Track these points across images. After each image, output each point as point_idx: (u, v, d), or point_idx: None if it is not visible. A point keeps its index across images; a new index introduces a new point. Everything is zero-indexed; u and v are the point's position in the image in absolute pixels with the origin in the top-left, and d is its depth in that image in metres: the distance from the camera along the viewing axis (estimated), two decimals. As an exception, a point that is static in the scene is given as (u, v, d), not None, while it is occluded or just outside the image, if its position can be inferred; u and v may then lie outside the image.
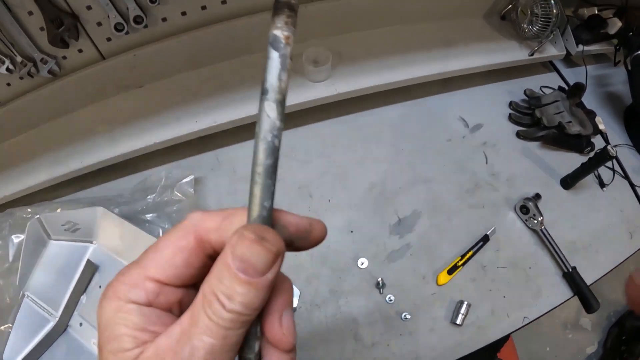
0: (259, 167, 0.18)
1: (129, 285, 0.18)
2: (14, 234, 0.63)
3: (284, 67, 0.18)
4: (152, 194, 0.63)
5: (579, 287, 0.64)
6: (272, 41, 0.18)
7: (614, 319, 1.33)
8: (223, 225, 0.19)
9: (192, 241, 0.19)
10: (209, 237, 0.19)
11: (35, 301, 0.58)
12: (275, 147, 0.18)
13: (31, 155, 0.69)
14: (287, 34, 0.18)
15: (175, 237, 0.19)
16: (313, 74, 0.70)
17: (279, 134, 0.18)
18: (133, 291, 0.18)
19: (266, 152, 0.18)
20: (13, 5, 0.56)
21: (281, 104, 0.18)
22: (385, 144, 0.76)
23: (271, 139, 0.18)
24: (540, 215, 0.67)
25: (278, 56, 0.18)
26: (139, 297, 0.18)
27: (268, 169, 0.18)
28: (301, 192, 0.69)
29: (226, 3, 0.67)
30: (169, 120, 0.68)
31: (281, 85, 0.18)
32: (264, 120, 0.18)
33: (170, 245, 0.19)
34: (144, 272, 0.18)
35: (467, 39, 0.81)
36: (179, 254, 0.19)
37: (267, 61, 0.18)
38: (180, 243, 0.19)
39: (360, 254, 0.64)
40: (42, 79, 0.67)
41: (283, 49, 0.18)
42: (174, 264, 0.19)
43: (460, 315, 0.60)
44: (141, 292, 0.18)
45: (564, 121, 0.76)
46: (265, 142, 0.18)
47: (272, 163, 0.18)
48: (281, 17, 0.18)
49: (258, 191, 0.18)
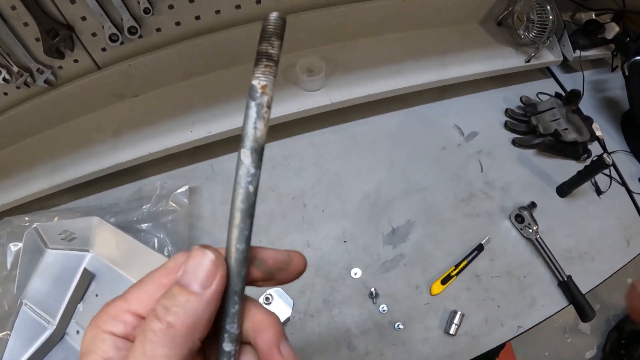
0: (235, 211, 0.19)
1: (110, 315, 0.19)
2: (11, 242, 0.64)
3: (259, 116, 0.19)
4: (147, 204, 0.64)
5: (574, 296, 0.64)
6: (250, 90, 0.19)
7: (613, 322, 1.32)
8: None
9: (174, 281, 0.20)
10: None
11: (32, 309, 0.59)
12: (249, 192, 0.19)
13: (28, 164, 0.70)
14: (263, 83, 0.19)
15: (158, 275, 0.20)
16: (307, 83, 0.70)
17: (254, 179, 0.19)
18: (112, 322, 0.19)
19: (241, 197, 0.19)
20: (9, 17, 0.56)
21: (256, 151, 0.19)
22: (380, 153, 0.76)
23: (245, 184, 0.19)
24: (536, 224, 0.67)
25: (254, 105, 0.19)
26: (117, 328, 0.19)
27: (244, 212, 0.19)
28: (295, 201, 0.70)
29: (220, 13, 0.68)
30: (164, 130, 0.68)
31: (256, 134, 0.19)
32: (240, 166, 0.19)
33: (154, 282, 0.20)
34: (126, 305, 0.19)
35: (463, 46, 0.81)
36: (160, 290, 0.20)
37: (245, 110, 0.19)
38: (162, 280, 0.20)
39: (353, 264, 0.64)
40: (39, 89, 0.67)
41: (259, 97, 0.19)
42: (154, 300, 0.19)
43: (453, 325, 0.60)
44: (119, 324, 0.19)
45: (560, 128, 0.75)
46: (240, 188, 0.19)
47: (246, 207, 0.19)
48: (259, 67, 0.19)
49: (234, 234, 0.19)
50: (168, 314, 0.18)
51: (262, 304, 0.60)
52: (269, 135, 0.20)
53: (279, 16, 0.19)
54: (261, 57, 0.19)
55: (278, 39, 0.19)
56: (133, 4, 0.61)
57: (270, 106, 0.19)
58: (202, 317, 0.18)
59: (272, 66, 0.19)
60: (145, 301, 0.19)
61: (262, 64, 0.19)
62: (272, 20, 0.19)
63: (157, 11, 0.63)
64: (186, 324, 0.18)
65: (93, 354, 0.18)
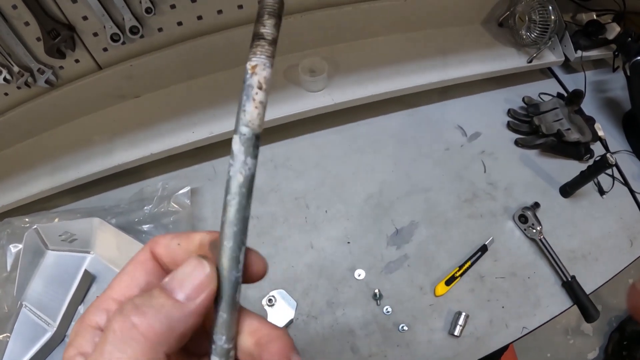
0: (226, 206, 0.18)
1: (94, 307, 0.19)
2: (11, 244, 0.63)
3: (248, 97, 0.17)
4: (148, 205, 0.64)
5: (578, 297, 0.64)
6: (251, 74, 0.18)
7: (615, 324, 1.32)
8: (171, 242, 0.20)
9: (148, 254, 0.20)
10: (158, 251, 0.20)
11: (33, 311, 0.58)
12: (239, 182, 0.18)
13: (28, 165, 0.69)
14: (253, 63, 0.18)
15: (136, 255, 0.20)
16: (309, 84, 0.69)
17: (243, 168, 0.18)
18: (95, 312, 0.18)
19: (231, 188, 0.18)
20: (9, 16, 0.56)
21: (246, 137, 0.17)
22: (383, 153, 0.75)
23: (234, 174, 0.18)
24: (539, 225, 0.67)
25: (244, 87, 0.18)
26: (100, 318, 0.18)
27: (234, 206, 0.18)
28: (298, 202, 0.69)
29: (222, 13, 0.67)
30: (166, 131, 0.68)
31: (245, 117, 0.17)
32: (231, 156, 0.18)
33: (132, 262, 0.20)
34: (110, 292, 0.19)
35: (465, 46, 0.81)
36: (139, 267, 0.19)
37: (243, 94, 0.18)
38: (139, 258, 0.20)
39: (357, 265, 0.64)
40: (40, 89, 0.67)
41: (248, 79, 0.18)
42: (134, 277, 0.19)
43: (458, 326, 0.59)
44: (102, 313, 0.18)
45: (563, 128, 0.75)
46: (230, 178, 0.18)
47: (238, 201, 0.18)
48: (251, 48, 0.18)
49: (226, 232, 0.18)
50: (135, 312, 0.16)
51: (265, 305, 0.59)
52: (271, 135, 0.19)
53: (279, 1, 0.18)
54: (253, 37, 0.18)
55: (271, 17, 0.18)
56: (135, 3, 0.61)
57: (262, 87, 0.17)
58: (174, 328, 0.16)
59: (265, 45, 0.18)
60: (126, 281, 0.19)
61: (254, 44, 0.18)
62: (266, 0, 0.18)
63: (159, 11, 0.63)
64: (153, 328, 0.16)
65: (71, 348, 0.18)
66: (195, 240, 0.20)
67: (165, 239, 0.20)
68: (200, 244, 0.20)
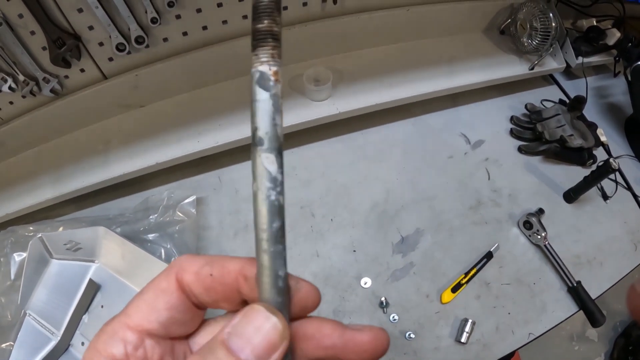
0: (265, 233, 0.16)
1: (108, 334, 0.17)
2: (15, 252, 0.63)
3: (277, 109, 0.15)
4: (154, 214, 0.63)
5: (584, 302, 0.64)
6: (259, 80, 0.15)
7: (620, 329, 1.31)
8: (202, 270, 0.18)
9: (174, 283, 0.18)
10: (187, 280, 0.18)
11: (37, 320, 0.58)
12: (280, 205, 0.16)
13: (33, 174, 0.70)
14: (275, 68, 0.15)
15: (158, 280, 0.18)
16: (314, 93, 0.70)
17: (282, 188, 0.16)
18: (110, 341, 0.17)
19: (271, 213, 0.16)
20: (15, 25, 0.56)
21: (280, 153, 0.15)
22: (387, 162, 0.76)
23: (275, 197, 0.16)
24: (544, 231, 0.67)
25: (269, 97, 0.15)
26: (117, 349, 0.17)
27: (276, 233, 0.16)
28: (303, 211, 0.69)
29: (227, 23, 0.68)
30: (171, 140, 0.68)
31: (277, 131, 0.15)
32: (263, 176, 0.15)
33: (152, 287, 0.18)
34: (126, 319, 0.17)
35: (467, 55, 0.81)
36: (161, 296, 0.17)
37: (255, 104, 0.15)
38: (161, 285, 0.18)
39: (363, 274, 0.64)
40: (45, 98, 0.67)
41: (273, 87, 0.15)
42: (156, 308, 0.17)
43: (464, 333, 0.59)
44: (119, 343, 0.17)
45: (566, 134, 0.75)
46: (268, 202, 0.15)
47: (280, 225, 0.16)
48: (266, 49, 0.15)
49: (268, 260, 0.16)
50: None
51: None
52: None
53: None
54: (266, 35, 0.15)
55: (279, 13, 0.16)
56: (140, 13, 0.61)
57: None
58: None
59: (279, 47, 0.15)
60: (145, 311, 0.17)
61: (269, 45, 0.15)
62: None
63: (165, 21, 0.63)
64: None
65: None
66: (231, 271, 0.18)
67: (193, 266, 0.18)
68: (240, 276, 0.17)
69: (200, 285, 0.18)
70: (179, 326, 0.18)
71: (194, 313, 0.18)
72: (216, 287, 0.18)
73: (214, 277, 0.17)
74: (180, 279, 0.18)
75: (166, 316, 0.17)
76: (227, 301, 0.18)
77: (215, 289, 0.18)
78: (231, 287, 0.18)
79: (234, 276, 0.17)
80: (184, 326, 0.18)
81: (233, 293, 0.18)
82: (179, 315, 0.18)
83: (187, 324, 0.18)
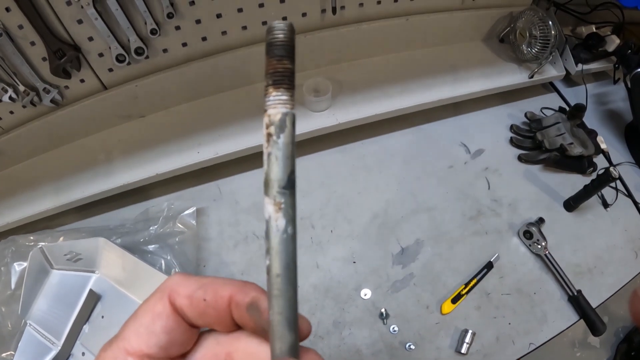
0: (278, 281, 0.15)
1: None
2: (16, 262, 0.63)
3: (293, 154, 0.15)
4: (154, 225, 0.64)
5: (585, 311, 0.64)
6: (277, 126, 0.15)
7: (622, 335, 1.30)
8: (195, 295, 0.18)
9: (168, 307, 0.18)
10: (180, 304, 0.18)
11: (37, 330, 0.58)
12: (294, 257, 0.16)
13: (33, 183, 0.70)
14: (293, 111, 0.15)
15: (152, 303, 0.18)
16: (313, 104, 0.70)
17: (295, 232, 0.16)
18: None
19: (283, 261, 0.16)
20: (16, 36, 0.57)
21: (293, 197, 0.15)
22: (387, 172, 0.76)
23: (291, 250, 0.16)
24: (544, 240, 0.67)
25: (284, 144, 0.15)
26: None
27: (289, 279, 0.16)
28: (303, 223, 0.69)
29: (226, 34, 0.68)
30: (171, 151, 0.68)
31: (292, 178, 0.15)
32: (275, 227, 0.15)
33: (148, 311, 0.18)
34: (124, 344, 0.17)
35: (467, 63, 0.81)
36: (157, 320, 0.18)
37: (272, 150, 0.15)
38: (157, 309, 0.18)
39: (363, 285, 0.64)
40: (45, 108, 0.67)
41: (288, 134, 0.15)
42: (153, 332, 0.18)
43: (465, 344, 0.59)
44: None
45: (566, 143, 0.75)
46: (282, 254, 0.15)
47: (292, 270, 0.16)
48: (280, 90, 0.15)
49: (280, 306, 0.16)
50: None
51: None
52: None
53: (289, 24, 0.15)
54: (283, 77, 0.15)
55: (293, 52, 0.15)
56: (140, 25, 0.61)
57: None
58: None
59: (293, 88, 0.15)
60: (144, 335, 0.17)
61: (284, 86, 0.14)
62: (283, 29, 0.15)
63: (164, 32, 0.64)
64: None
65: None
66: (224, 296, 0.18)
67: (186, 289, 0.18)
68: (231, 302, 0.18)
69: (194, 310, 0.18)
70: (178, 347, 0.19)
71: (191, 332, 0.19)
72: (209, 312, 0.18)
73: (207, 302, 0.18)
74: (174, 302, 0.18)
75: (165, 340, 0.18)
76: (220, 325, 0.19)
77: (208, 314, 0.18)
78: (224, 312, 0.18)
79: (226, 301, 0.18)
80: (182, 346, 0.19)
81: (226, 317, 0.18)
82: (177, 338, 0.18)
83: (184, 344, 0.19)
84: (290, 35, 0.15)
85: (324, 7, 0.71)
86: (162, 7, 0.60)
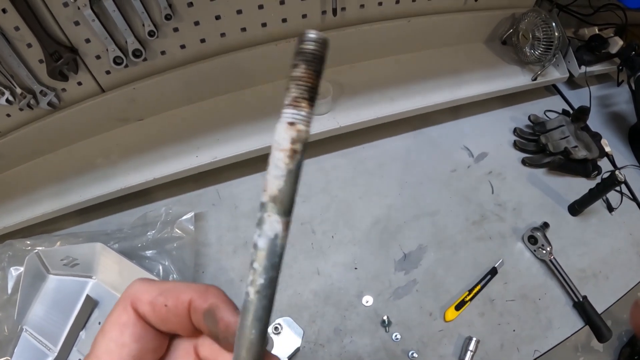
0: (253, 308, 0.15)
1: None
2: (12, 266, 0.63)
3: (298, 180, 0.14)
4: (151, 230, 0.63)
5: (590, 317, 0.63)
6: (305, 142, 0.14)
7: (625, 338, 1.29)
8: (157, 301, 0.18)
9: (132, 315, 0.18)
10: (143, 311, 0.18)
11: (33, 335, 0.58)
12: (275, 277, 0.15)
13: (30, 187, 0.69)
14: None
15: (117, 314, 0.18)
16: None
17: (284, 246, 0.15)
18: None
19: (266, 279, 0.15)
20: (12, 38, 0.56)
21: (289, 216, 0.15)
22: (389, 177, 0.75)
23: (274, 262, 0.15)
24: (549, 245, 0.66)
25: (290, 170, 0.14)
26: None
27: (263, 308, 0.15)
28: (304, 228, 0.68)
29: (225, 36, 0.67)
30: (169, 155, 0.67)
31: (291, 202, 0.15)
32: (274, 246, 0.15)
33: (114, 324, 0.18)
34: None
35: (469, 66, 0.81)
36: (125, 331, 0.18)
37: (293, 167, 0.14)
38: (122, 319, 0.18)
39: (365, 291, 0.63)
40: (42, 111, 0.66)
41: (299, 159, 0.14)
42: (124, 344, 0.17)
43: (468, 352, 0.58)
44: None
45: (570, 146, 0.74)
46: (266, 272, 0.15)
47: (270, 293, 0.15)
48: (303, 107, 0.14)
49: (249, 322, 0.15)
50: None
51: (271, 334, 0.58)
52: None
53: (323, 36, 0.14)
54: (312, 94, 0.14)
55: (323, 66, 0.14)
56: (138, 27, 0.61)
57: None
58: None
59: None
60: (115, 349, 0.17)
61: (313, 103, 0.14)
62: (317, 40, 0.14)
63: (162, 34, 0.63)
64: None
65: None
66: (184, 301, 0.18)
67: (147, 295, 0.18)
68: (190, 308, 0.18)
69: (156, 316, 0.18)
70: (151, 353, 0.18)
71: (162, 337, 0.19)
72: (171, 318, 0.18)
73: (169, 307, 0.18)
74: (137, 310, 0.18)
75: (137, 348, 0.18)
76: (182, 330, 0.19)
77: (170, 320, 0.18)
78: (185, 318, 0.18)
79: (186, 307, 0.18)
80: (156, 352, 0.19)
81: (187, 323, 0.18)
82: (148, 344, 0.18)
83: (157, 349, 0.19)
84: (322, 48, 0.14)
85: (324, 9, 0.70)
86: (160, 9, 0.59)
